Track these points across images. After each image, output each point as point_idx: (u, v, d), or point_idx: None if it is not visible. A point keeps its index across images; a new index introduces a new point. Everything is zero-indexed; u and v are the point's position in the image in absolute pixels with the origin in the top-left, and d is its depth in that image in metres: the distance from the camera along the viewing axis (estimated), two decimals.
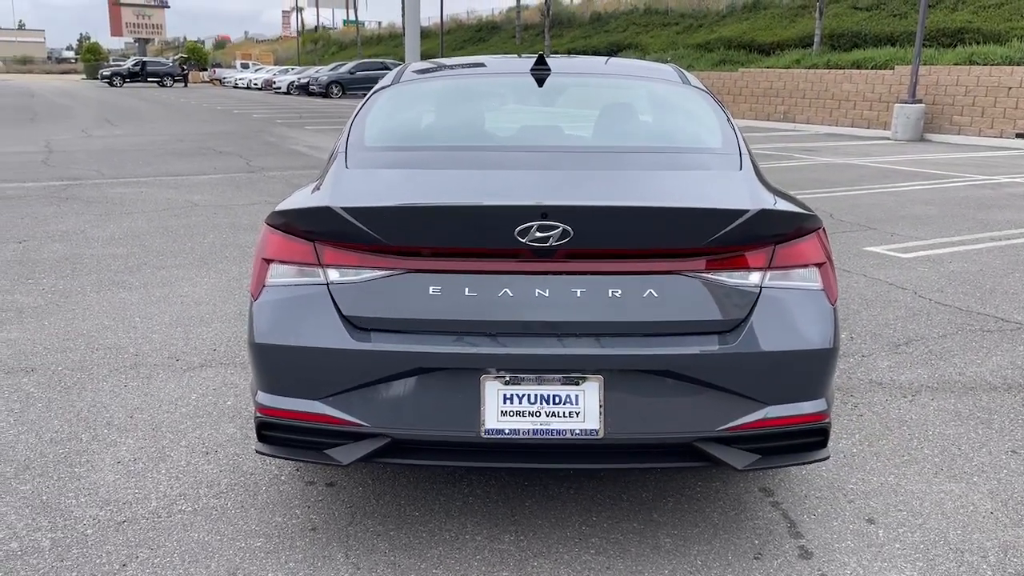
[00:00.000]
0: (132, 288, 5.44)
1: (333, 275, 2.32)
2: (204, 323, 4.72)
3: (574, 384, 2.25)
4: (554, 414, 2.25)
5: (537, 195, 2.37)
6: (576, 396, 2.25)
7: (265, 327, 2.34)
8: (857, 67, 21.23)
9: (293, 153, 14.21)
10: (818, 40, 24.65)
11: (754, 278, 2.33)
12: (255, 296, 2.40)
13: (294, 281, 2.35)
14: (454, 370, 2.25)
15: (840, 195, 9.79)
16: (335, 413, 2.29)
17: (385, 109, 3.17)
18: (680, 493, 2.89)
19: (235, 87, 55.53)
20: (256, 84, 52.05)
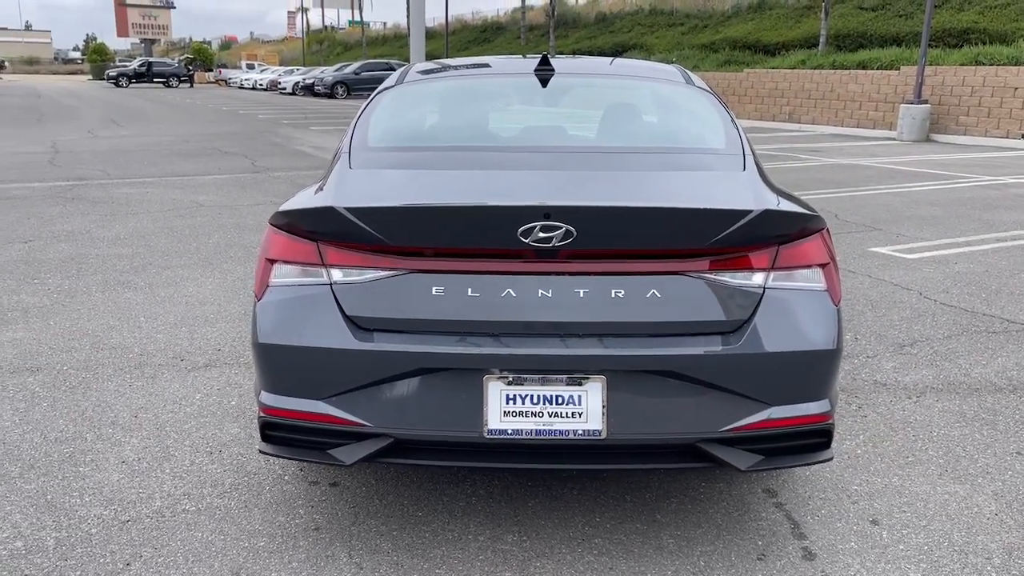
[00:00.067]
0: (137, 288, 5.45)
1: (336, 275, 2.33)
2: (209, 323, 4.74)
3: (577, 384, 2.25)
4: (557, 414, 2.25)
5: (540, 196, 2.37)
6: (579, 396, 2.25)
7: (268, 327, 2.34)
8: (863, 67, 21.19)
9: (298, 154, 14.24)
10: (823, 40, 24.60)
11: (757, 279, 2.32)
12: (259, 296, 2.40)
13: (298, 281, 2.36)
14: (457, 370, 2.25)
15: (845, 196, 9.77)
16: (338, 413, 2.29)
17: (389, 110, 3.17)
18: (683, 494, 2.89)
19: (240, 88, 55.62)
20: (261, 85, 52.15)
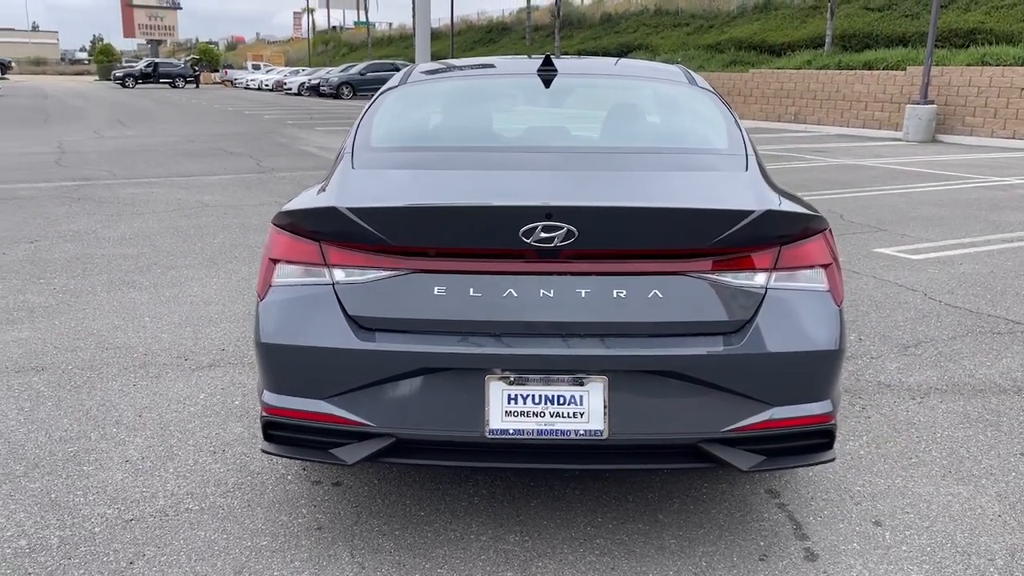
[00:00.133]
0: (142, 288, 5.47)
1: (339, 275, 2.33)
2: (213, 323, 4.75)
3: (578, 384, 2.25)
4: (558, 414, 2.25)
5: (542, 196, 2.38)
6: (580, 397, 2.25)
7: (271, 327, 2.35)
8: (869, 68, 21.13)
9: (303, 154, 14.26)
10: (829, 41, 24.55)
11: (759, 279, 2.32)
12: (261, 296, 2.41)
13: (300, 281, 2.36)
14: (459, 370, 2.26)
15: (850, 196, 9.75)
16: (340, 413, 2.30)
17: (392, 110, 3.18)
18: (686, 494, 2.89)
19: (246, 88, 55.76)
20: (267, 85, 52.26)
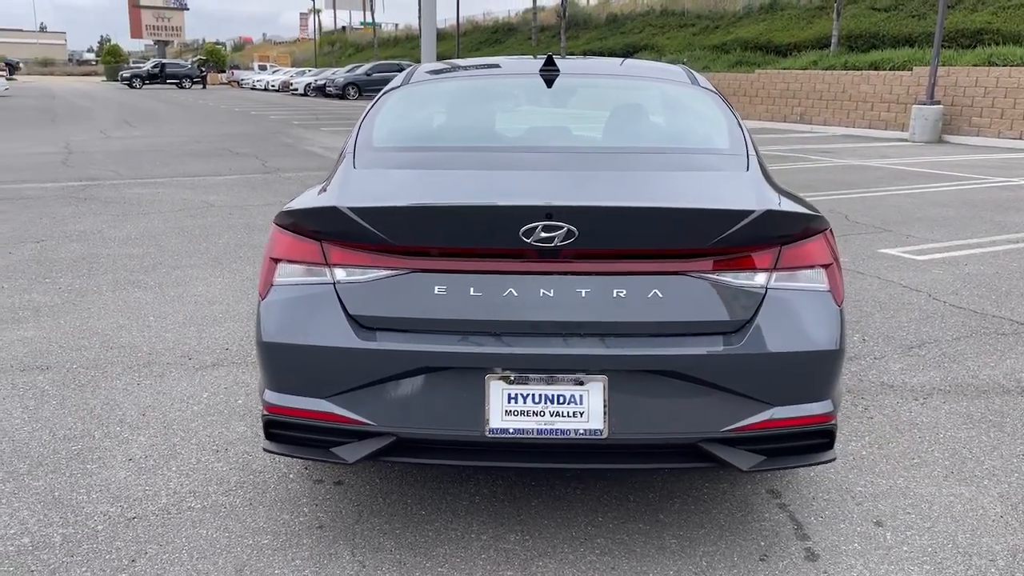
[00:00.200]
0: (147, 288, 5.49)
1: (340, 274, 2.34)
2: (217, 322, 4.76)
3: (578, 384, 2.25)
4: (558, 414, 2.26)
5: (542, 195, 2.38)
6: (580, 396, 2.25)
7: (272, 326, 2.36)
8: (875, 68, 21.08)
9: (309, 154, 14.29)
10: (835, 41, 24.49)
11: (760, 279, 2.32)
12: (263, 295, 2.42)
13: (301, 280, 2.37)
14: (459, 369, 2.26)
15: (856, 197, 9.73)
16: (341, 412, 2.31)
17: (394, 110, 3.19)
18: (687, 494, 2.89)
19: (253, 89, 55.89)
20: (274, 86, 52.38)
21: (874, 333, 4.67)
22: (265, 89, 53.55)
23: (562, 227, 2.22)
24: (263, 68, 65.84)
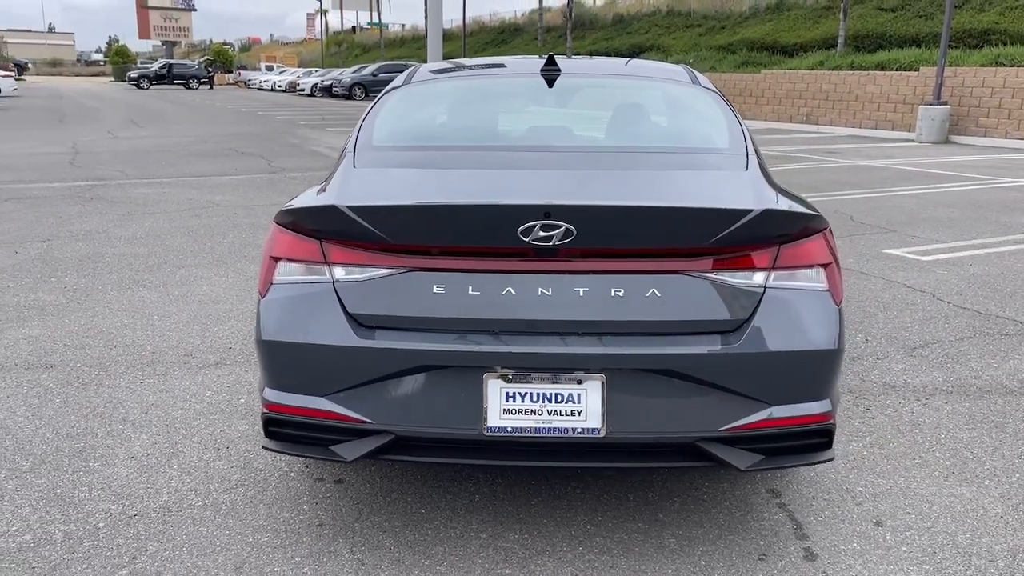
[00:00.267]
0: (152, 287, 5.51)
1: (339, 273, 2.35)
2: (221, 321, 4.78)
3: (576, 383, 2.26)
4: (556, 413, 2.26)
5: (540, 195, 2.38)
6: (578, 395, 2.26)
7: (272, 324, 2.37)
8: (881, 69, 21.02)
9: (314, 154, 14.33)
10: (842, 41, 24.42)
11: (758, 278, 2.32)
12: (263, 294, 2.43)
13: (301, 279, 2.38)
14: (457, 368, 2.27)
15: (861, 197, 9.71)
16: (340, 410, 2.32)
17: (395, 110, 3.20)
18: (687, 494, 2.89)
19: (260, 89, 56.04)
20: (280, 86, 52.50)
21: (877, 333, 4.66)
22: (272, 89, 53.68)
23: (560, 226, 2.23)
24: (270, 69, 65.98)
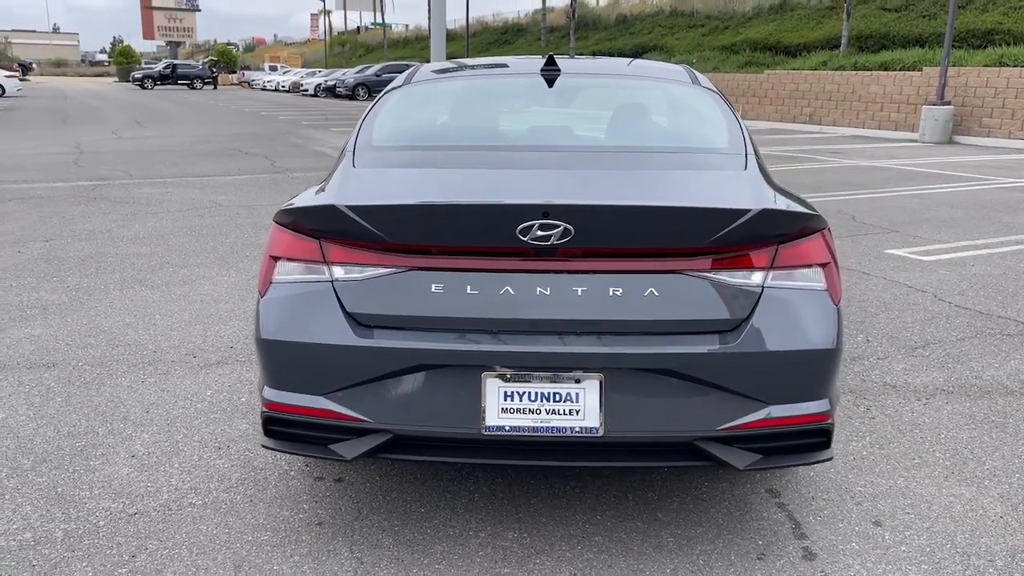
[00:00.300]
0: (154, 286, 5.53)
1: (338, 272, 2.35)
2: (222, 321, 4.79)
3: (574, 382, 2.26)
4: (554, 412, 2.26)
5: (539, 194, 2.39)
6: (576, 394, 2.26)
7: (271, 324, 2.37)
8: (885, 69, 20.98)
9: (318, 154, 14.34)
10: (845, 42, 24.39)
11: (756, 278, 2.32)
12: (262, 293, 2.44)
13: (300, 278, 2.39)
14: (456, 367, 2.27)
15: (863, 198, 9.70)
16: (339, 409, 2.32)
17: (395, 110, 3.21)
18: (686, 493, 2.89)
19: (263, 89, 56.10)
20: (284, 86, 52.55)
21: (878, 334, 4.65)
22: (276, 90, 53.74)
23: (558, 225, 2.23)
24: (273, 69, 66.11)
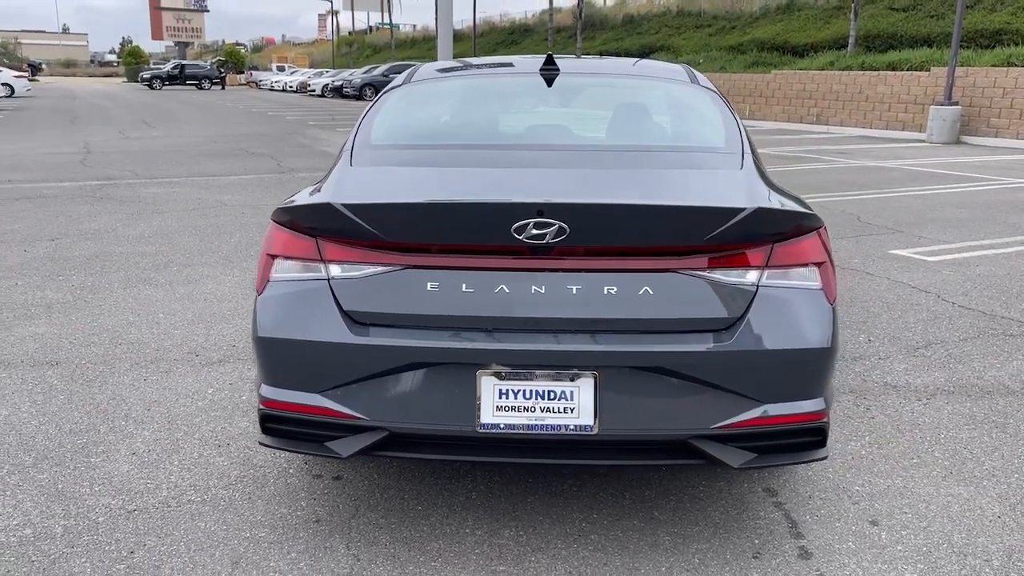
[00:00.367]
0: (158, 285, 5.55)
1: (334, 270, 2.37)
2: (225, 320, 4.81)
3: (569, 380, 2.27)
4: (549, 410, 2.27)
5: (534, 193, 2.39)
6: (571, 392, 2.27)
7: (268, 321, 2.39)
8: (892, 69, 20.91)
9: (324, 154, 14.37)
10: (853, 41, 24.31)
11: (751, 276, 2.33)
12: (259, 291, 2.45)
13: (297, 276, 2.40)
14: (451, 365, 2.28)
15: (869, 198, 9.68)
16: (335, 406, 2.33)
17: (394, 109, 3.22)
18: (682, 492, 2.89)
19: (271, 90, 56.26)
20: (291, 87, 52.71)
21: (880, 334, 4.64)
22: (283, 90, 53.89)
23: (553, 224, 2.24)
24: (281, 69, 66.23)
